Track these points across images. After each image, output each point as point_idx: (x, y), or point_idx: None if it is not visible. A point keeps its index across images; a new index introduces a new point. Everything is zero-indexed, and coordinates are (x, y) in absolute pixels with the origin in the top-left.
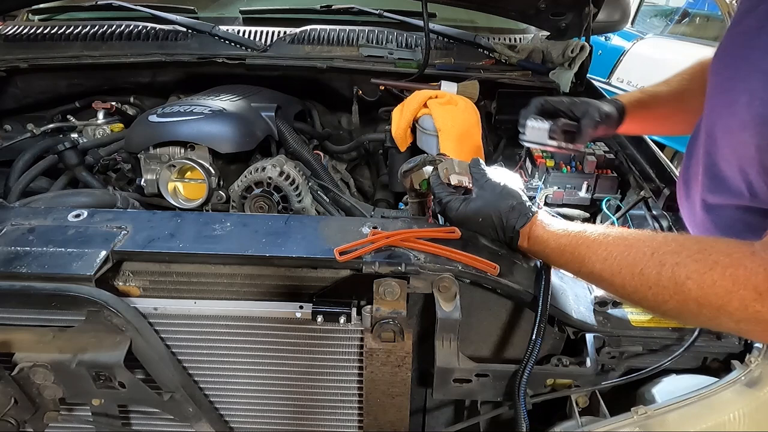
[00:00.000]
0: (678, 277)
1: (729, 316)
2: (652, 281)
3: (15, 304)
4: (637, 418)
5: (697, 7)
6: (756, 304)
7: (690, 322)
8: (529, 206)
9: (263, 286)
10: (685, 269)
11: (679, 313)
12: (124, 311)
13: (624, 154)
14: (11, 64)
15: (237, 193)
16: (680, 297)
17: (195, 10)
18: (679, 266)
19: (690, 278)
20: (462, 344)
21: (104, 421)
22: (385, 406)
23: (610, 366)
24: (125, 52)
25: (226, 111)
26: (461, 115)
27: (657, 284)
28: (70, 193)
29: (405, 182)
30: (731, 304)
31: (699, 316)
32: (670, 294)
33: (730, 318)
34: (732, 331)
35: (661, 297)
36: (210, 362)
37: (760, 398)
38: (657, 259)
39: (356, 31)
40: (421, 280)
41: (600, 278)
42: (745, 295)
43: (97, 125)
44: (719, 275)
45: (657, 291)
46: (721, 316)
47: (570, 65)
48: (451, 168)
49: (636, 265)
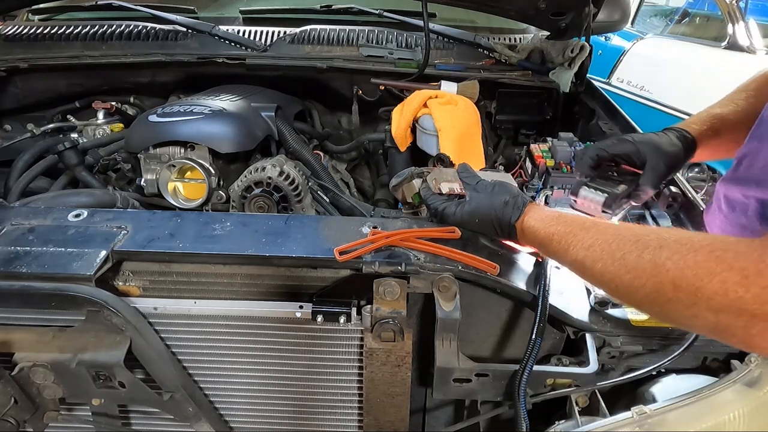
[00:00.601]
0: (658, 257)
1: (707, 302)
2: (630, 265)
3: (15, 304)
4: (637, 417)
5: (697, 7)
6: (739, 288)
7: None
8: (522, 199)
9: (263, 285)
10: (667, 250)
11: (655, 299)
12: (124, 311)
13: None
14: (11, 64)
15: (237, 193)
16: (656, 279)
17: (195, 10)
18: (662, 249)
19: (670, 259)
20: (462, 344)
21: (104, 421)
22: (385, 406)
23: (610, 366)
24: (125, 52)
25: (226, 111)
26: (461, 115)
27: (635, 268)
28: (70, 193)
29: (396, 195)
30: (710, 286)
31: (674, 302)
32: (647, 276)
33: (708, 306)
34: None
35: (638, 281)
36: (210, 362)
37: (760, 398)
38: (641, 243)
39: (356, 31)
40: (421, 280)
41: (582, 266)
42: (729, 276)
43: (97, 125)
44: (703, 256)
45: (635, 275)
46: (698, 302)
47: (570, 65)
48: (440, 177)
49: (618, 251)
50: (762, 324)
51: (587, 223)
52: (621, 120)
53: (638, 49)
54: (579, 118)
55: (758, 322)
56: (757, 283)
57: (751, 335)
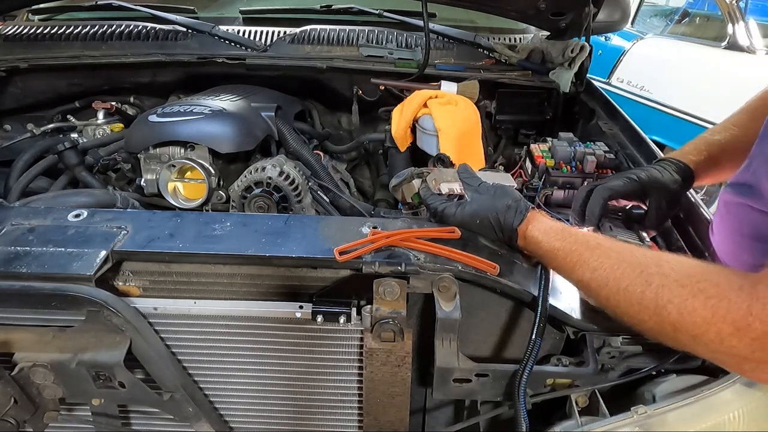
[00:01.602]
0: (660, 299)
1: (705, 346)
2: (635, 299)
3: (15, 304)
4: (637, 417)
5: (697, 7)
6: (732, 339)
7: (668, 343)
8: (524, 204)
9: (263, 286)
10: (669, 293)
11: (658, 334)
12: (124, 311)
13: (624, 154)
14: (11, 64)
15: (237, 193)
16: (658, 319)
17: (195, 10)
18: (663, 288)
19: (671, 302)
20: (462, 344)
21: (104, 421)
22: (385, 406)
23: (610, 366)
24: (125, 52)
25: (226, 111)
26: (461, 115)
27: (639, 303)
28: (70, 193)
29: (396, 195)
30: (707, 335)
31: (675, 340)
32: (649, 314)
33: (706, 348)
34: (707, 358)
35: (641, 316)
36: (210, 362)
37: (759, 398)
38: (644, 278)
39: (356, 31)
40: (421, 280)
41: (588, 287)
42: (723, 328)
43: (97, 125)
44: (701, 304)
45: (639, 309)
46: (697, 345)
47: (570, 65)
48: (440, 177)
49: (623, 281)
50: (753, 364)
51: (591, 242)
52: (621, 120)
53: (638, 49)
54: (579, 118)
55: (750, 362)
56: (747, 335)
57: (744, 370)
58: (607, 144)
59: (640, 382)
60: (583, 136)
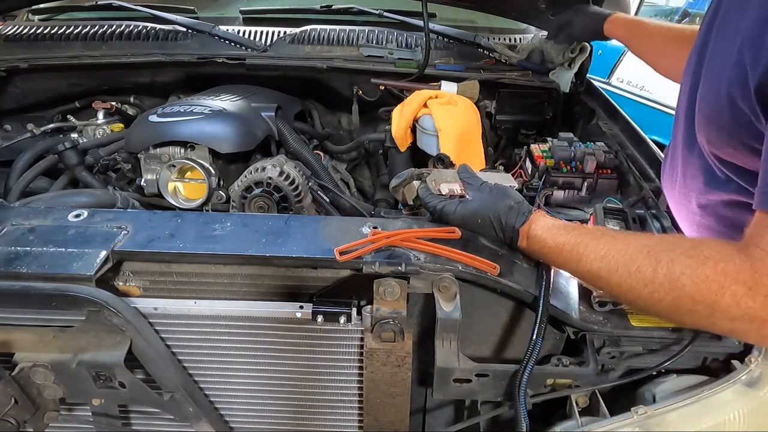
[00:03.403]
0: (673, 273)
1: (723, 313)
2: (648, 278)
3: (15, 304)
4: (637, 418)
5: (697, 7)
6: (747, 299)
7: (685, 320)
8: (526, 206)
9: (263, 286)
10: (679, 265)
11: (674, 310)
12: (124, 311)
13: (624, 154)
14: (11, 64)
15: (237, 193)
16: (675, 294)
17: (195, 10)
18: (674, 263)
19: (684, 274)
20: (462, 344)
21: (104, 421)
22: (385, 406)
23: (610, 366)
24: (125, 52)
25: (226, 111)
26: (461, 115)
27: (653, 281)
28: (70, 193)
29: (397, 196)
30: (724, 300)
31: (693, 313)
32: (666, 290)
33: (725, 316)
34: (727, 331)
35: (657, 295)
36: (210, 362)
37: (760, 398)
38: (653, 257)
39: (356, 31)
40: (421, 280)
41: (597, 276)
42: (737, 290)
43: (97, 125)
44: (711, 270)
45: (653, 288)
46: (715, 313)
47: (570, 65)
48: (440, 178)
49: (632, 263)
50: None
51: (596, 233)
52: (621, 120)
53: None
54: (579, 118)
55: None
56: (759, 292)
57: (764, 336)
58: (607, 144)
59: (641, 382)
60: (583, 136)
